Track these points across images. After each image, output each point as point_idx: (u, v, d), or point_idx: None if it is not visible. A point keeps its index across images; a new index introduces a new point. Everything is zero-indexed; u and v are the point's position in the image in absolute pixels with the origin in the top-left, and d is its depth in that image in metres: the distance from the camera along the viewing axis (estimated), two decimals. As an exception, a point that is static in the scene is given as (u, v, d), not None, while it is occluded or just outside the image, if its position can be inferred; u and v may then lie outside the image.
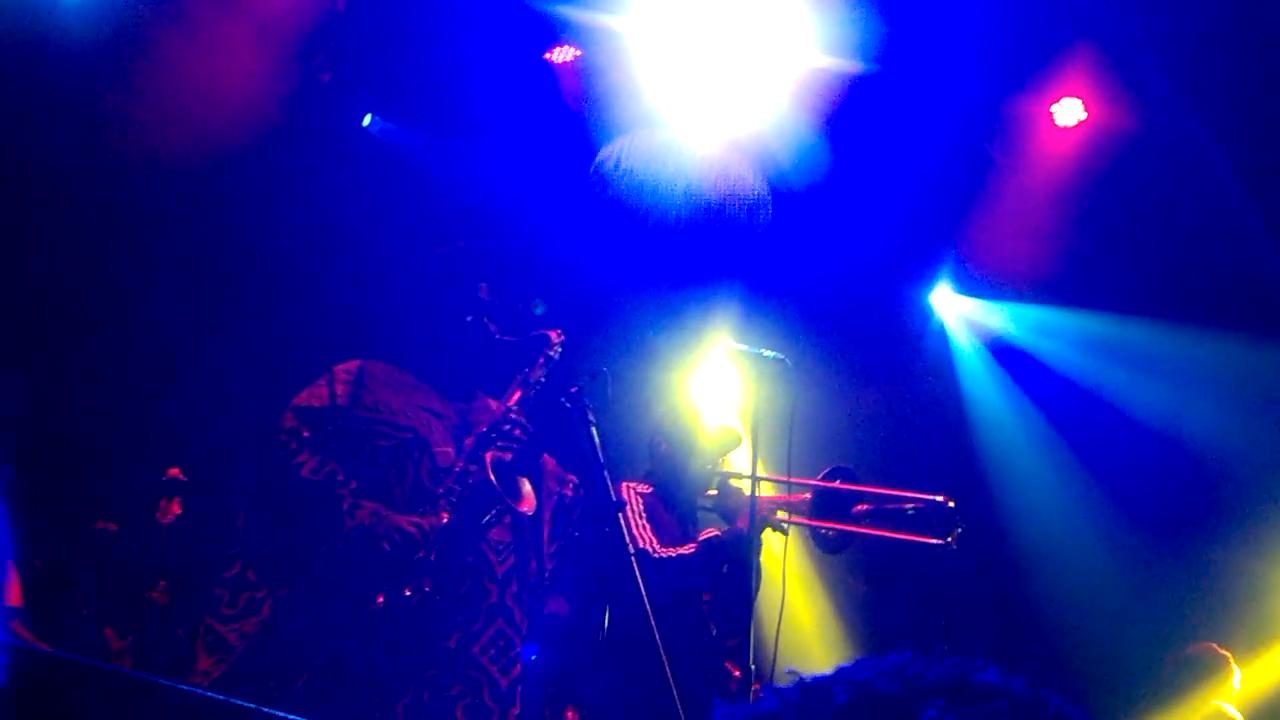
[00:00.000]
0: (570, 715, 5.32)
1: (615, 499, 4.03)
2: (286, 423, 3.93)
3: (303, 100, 6.90)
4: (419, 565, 3.76)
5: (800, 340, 6.64)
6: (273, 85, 6.63)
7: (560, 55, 7.05)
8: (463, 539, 3.88)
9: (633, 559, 3.84)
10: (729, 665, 5.01)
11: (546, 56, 7.07)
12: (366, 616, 3.71)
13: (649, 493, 5.19)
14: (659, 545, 4.95)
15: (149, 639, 5.78)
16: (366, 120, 7.41)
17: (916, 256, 8.05)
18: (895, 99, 6.89)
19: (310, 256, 6.86)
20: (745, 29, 6.57)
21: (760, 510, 4.78)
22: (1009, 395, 8.31)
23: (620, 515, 4.19)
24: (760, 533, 4.84)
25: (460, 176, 7.28)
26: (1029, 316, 8.25)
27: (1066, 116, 7.20)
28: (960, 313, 8.43)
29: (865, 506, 5.17)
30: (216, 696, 2.47)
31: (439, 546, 3.80)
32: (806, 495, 5.14)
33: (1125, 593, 7.64)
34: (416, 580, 3.75)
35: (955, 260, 8.14)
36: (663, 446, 5.36)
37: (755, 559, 4.71)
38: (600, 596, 4.85)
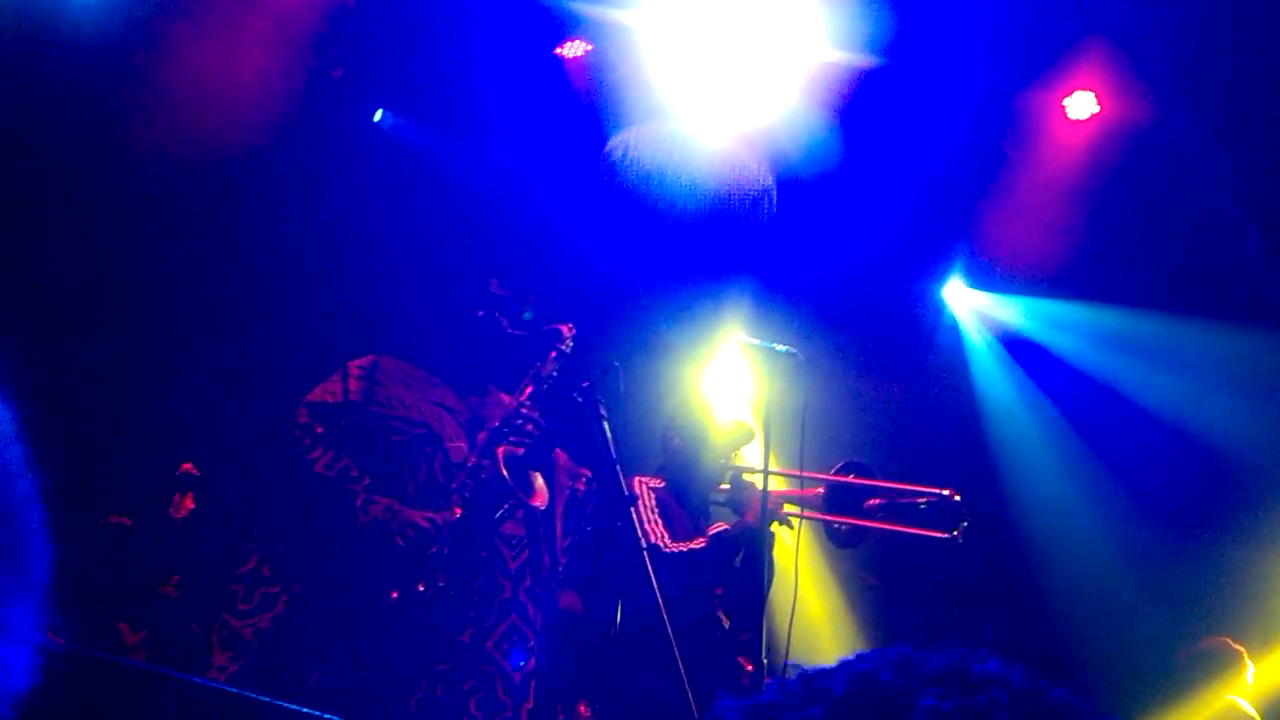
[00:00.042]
0: (583, 710, 5.32)
1: (627, 493, 4.03)
2: (300, 418, 3.94)
3: (314, 96, 6.90)
4: (432, 560, 3.77)
5: (812, 335, 6.62)
6: (284, 81, 6.63)
7: (571, 50, 7.04)
8: (476, 534, 3.89)
9: (645, 553, 3.85)
10: (741, 660, 5.01)
11: (557, 51, 7.06)
12: (380, 612, 3.71)
13: (661, 487, 5.19)
14: (670, 540, 4.95)
15: (163, 633, 5.80)
16: (378, 116, 7.41)
17: (929, 251, 8.03)
18: (907, 93, 6.87)
19: (322, 252, 6.86)
20: (756, 23, 6.56)
21: (769, 504, 4.78)
22: (1021, 389, 8.29)
23: (632, 510, 4.19)
24: (768, 526, 4.84)
25: (472, 172, 7.27)
26: (1041, 310, 8.23)
27: (1079, 110, 7.17)
28: (972, 307, 8.41)
29: (878, 501, 5.16)
30: (232, 690, 2.49)
31: (452, 542, 3.81)
32: (819, 490, 5.14)
33: (1138, 586, 7.62)
34: (430, 575, 3.76)
35: (967, 254, 8.12)
36: (675, 441, 5.36)
37: (768, 553, 4.71)
38: (613, 591, 4.85)
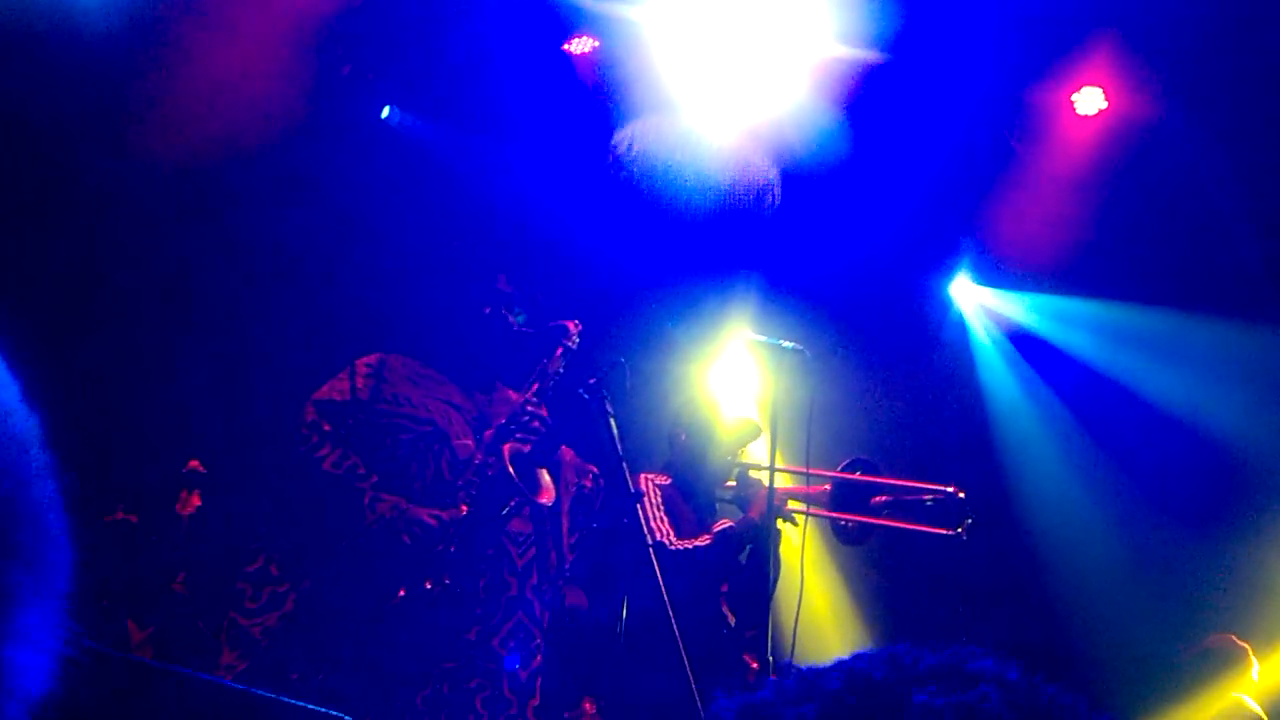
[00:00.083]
0: (588, 707, 5.33)
1: (633, 490, 4.04)
2: (308, 416, 3.95)
3: (321, 92, 6.90)
4: (439, 558, 3.77)
5: (819, 331, 6.61)
6: (291, 78, 6.63)
7: (579, 46, 7.03)
8: (482, 531, 3.89)
9: (650, 550, 3.85)
10: (747, 657, 5.01)
11: (565, 47, 7.05)
12: (388, 610, 3.72)
13: (667, 484, 5.19)
14: (676, 537, 4.95)
15: (170, 631, 5.80)
16: (385, 112, 7.40)
17: (935, 246, 8.02)
18: (914, 88, 6.86)
19: (329, 249, 6.87)
20: (763, 18, 6.55)
21: (775, 501, 4.78)
22: (1028, 385, 8.28)
23: (638, 507, 4.19)
24: (774, 524, 4.84)
25: (479, 169, 7.27)
26: (1048, 306, 8.22)
27: (1087, 105, 7.15)
28: (979, 302, 8.40)
29: (884, 498, 5.16)
30: (239, 687, 2.49)
31: (459, 539, 3.81)
32: (826, 487, 5.13)
33: (1144, 583, 7.61)
34: (437, 574, 3.76)
35: (974, 250, 8.11)
36: (681, 438, 5.36)
37: (774, 550, 4.71)
38: (618, 588, 4.85)
